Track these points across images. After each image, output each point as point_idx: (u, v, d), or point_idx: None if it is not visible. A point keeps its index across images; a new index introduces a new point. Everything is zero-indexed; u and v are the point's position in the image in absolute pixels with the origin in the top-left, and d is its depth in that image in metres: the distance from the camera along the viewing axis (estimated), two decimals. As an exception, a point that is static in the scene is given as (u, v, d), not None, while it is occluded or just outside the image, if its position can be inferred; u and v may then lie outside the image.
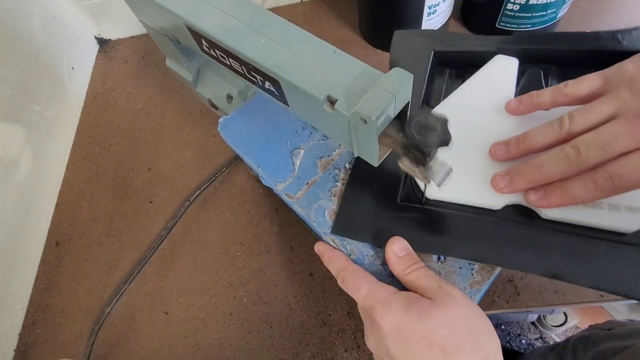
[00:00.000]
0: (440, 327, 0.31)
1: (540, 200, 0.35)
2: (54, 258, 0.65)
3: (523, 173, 0.35)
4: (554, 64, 0.46)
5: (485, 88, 0.45)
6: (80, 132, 0.78)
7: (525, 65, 0.46)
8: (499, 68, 0.46)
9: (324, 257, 0.41)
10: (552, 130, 0.35)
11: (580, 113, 0.34)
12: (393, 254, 0.37)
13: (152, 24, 0.47)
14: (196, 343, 0.55)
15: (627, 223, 0.34)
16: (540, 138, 0.36)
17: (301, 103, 0.34)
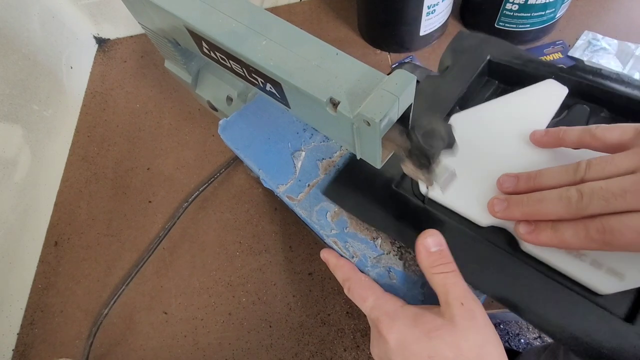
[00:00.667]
0: (448, 349, 0.30)
1: (529, 235, 0.34)
2: (53, 258, 0.65)
3: (521, 204, 0.35)
4: (607, 107, 0.43)
5: (522, 107, 0.44)
6: (79, 131, 0.78)
7: (576, 99, 0.44)
8: (545, 92, 0.44)
9: (330, 265, 0.40)
10: (567, 174, 0.34)
11: (599, 162, 0.32)
12: (423, 246, 0.35)
13: (151, 26, 0.47)
14: (195, 342, 0.55)
15: (604, 284, 0.33)
16: (552, 180, 0.34)
17: (303, 105, 0.34)
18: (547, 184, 0.34)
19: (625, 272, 0.32)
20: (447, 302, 0.32)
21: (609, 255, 0.33)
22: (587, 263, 0.34)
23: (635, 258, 0.33)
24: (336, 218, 0.42)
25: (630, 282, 0.32)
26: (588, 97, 0.43)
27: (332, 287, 0.55)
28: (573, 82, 0.43)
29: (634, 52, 0.65)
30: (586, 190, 0.31)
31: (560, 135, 0.37)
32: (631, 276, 0.32)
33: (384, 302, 0.35)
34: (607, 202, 0.29)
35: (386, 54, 0.76)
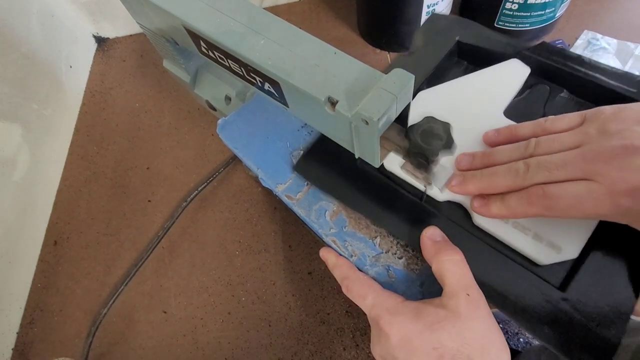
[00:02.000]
0: (452, 340, 0.30)
1: (482, 208, 0.37)
2: (52, 257, 0.65)
3: (475, 178, 0.37)
4: (567, 88, 0.46)
5: (486, 85, 0.46)
6: (79, 130, 0.78)
7: (539, 78, 0.46)
8: (509, 71, 0.46)
9: (328, 264, 0.41)
10: (518, 151, 0.37)
11: (546, 140, 0.35)
12: (428, 237, 0.36)
13: (150, 26, 0.47)
14: (195, 342, 0.55)
15: (543, 256, 0.36)
16: (504, 157, 0.37)
17: (301, 104, 0.34)
18: (500, 161, 0.37)
19: (562, 245, 0.36)
20: (453, 292, 0.32)
21: (548, 229, 0.36)
22: (530, 236, 0.37)
23: (571, 233, 0.36)
24: (335, 217, 0.42)
25: (566, 254, 0.35)
26: (550, 77, 0.46)
27: (331, 286, 0.56)
28: (536, 62, 0.45)
29: (633, 52, 0.65)
30: (532, 162, 0.34)
31: (513, 133, 0.39)
32: (567, 249, 0.35)
33: (383, 299, 0.35)
34: (550, 172, 0.33)
35: (386, 53, 0.76)
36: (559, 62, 0.45)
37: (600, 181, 0.30)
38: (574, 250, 0.35)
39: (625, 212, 0.30)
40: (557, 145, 0.34)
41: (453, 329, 0.31)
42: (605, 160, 0.31)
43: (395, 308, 0.34)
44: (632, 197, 0.29)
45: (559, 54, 0.45)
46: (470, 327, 0.31)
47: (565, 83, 0.45)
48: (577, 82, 0.44)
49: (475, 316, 0.31)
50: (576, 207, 0.31)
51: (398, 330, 0.32)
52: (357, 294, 0.36)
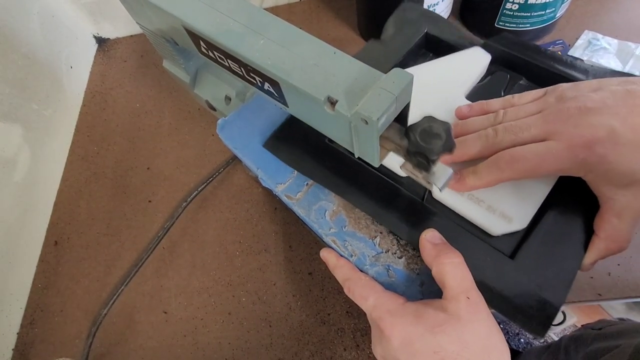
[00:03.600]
0: (452, 343, 0.31)
1: (457, 183, 0.39)
2: (53, 257, 0.65)
3: None
4: (525, 75, 0.49)
5: (449, 71, 0.49)
6: (79, 131, 0.78)
7: (499, 66, 0.50)
8: (471, 58, 0.49)
9: (329, 264, 0.41)
10: (487, 120, 0.40)
11: (513, 110, 0.39)
12: (427, 240, 0.36)
13: (149, 26, 0.47)
14: (195, 342, 0.55)
15: (495, 226, 0.38)
16: (476, 126, 0.40)
17: (301, 104, 0.34)
18: (473, 129, 0.40)
19: (513, 216, 0.38)
20: (454, 295, 0.32)
21: (501, 201, 0.39)
22: (484, 208, 0.39)
23: (521, 204, 0.39)
24: (335, 217, 0.42)
25: (516, 224, 0.38)
26: (510, 65, 0.49)
27: (332, 287, 0.55)
28: (497, 51, 0.49)
29: (634, 52, 0.64)
30: (499, 127, 0.38)
31: (484, 108, 0.43)
32: (517, 220, 0.38)
33: (385, 300, 0.35)
34: (516, 135, 0.36)
35: (386, 53, 0.76)
36: (518, 52, 0.48)
37: (559, 139, 0.34)
38: (523, 220, 0.38)
39: (581, 164, 0.34)
40: (522, 113, 0.38)
41: (454, 332, 0.31)
42: (563, 120, 0.34)
43: (397, 310, 0.34)
44: (587, 149, 0.33)
45: (519, 44, 0.49)
46: (470, 330, 0.31)
47: (524, 71, 0.49)
48: (534, 70, 0.48)
49: (476, 319, 0.32)
50: (540, 165, 0.35)
51: (399, 333, 0.32)
52: (358, 295, 0.36)
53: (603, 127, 0.33)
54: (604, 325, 0.64)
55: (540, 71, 0.47)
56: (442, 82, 0.47)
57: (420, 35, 0.52)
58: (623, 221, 0.35)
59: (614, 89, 0.34)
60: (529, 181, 0.39)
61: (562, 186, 0.39)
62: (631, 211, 0.34)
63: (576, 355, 0.63)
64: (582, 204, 0.38)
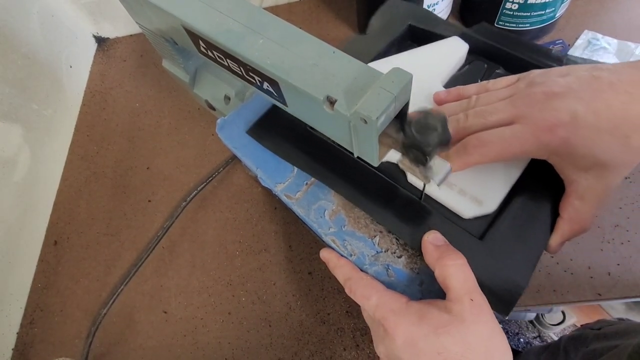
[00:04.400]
0: (456, 344, 0.31)
1: None
2: (52, 257, 0.65)
3: None
4: (502, 64, 0.50)
5: (428, 59, 0.50)
6: (79, 130, 0.78)
7: (477, 56, 0.51)
8: (449, 48, 0.50)
9: (330, 265, 0.41)
10: (461, 106, 0.41)
11: (485, 95, 0.40)
12: (429, 242, 0.36)
13: (149, 25, 0.47)
14: (195, 342, 0.55)
15: (466, 209, 0.39)
16: (450, 112, 0.41)
17: (300, 103, 0.34)
18: (449, 113, 0.41)
19: (483, 199, 0.39)
20: (457, 297, 0.33)
21: (472, 185, 0.40)
22: (455, 192, 0.41)
23: (491, 188, 0.40)
24: (334, 216, 0.42)
25: (486, 207, 0.39)
26: (488, 54, 0.51)
27: (331, 287, 0.55)
28: (475, 41, 0.50)
29: (633, 52, 0.64)
30: (470, 112, 0.39)
31: (460, 93, 0.44)
32: (487, 203, 0.39)
33: (387, 299, 0.35)
34: (485, 118, 0.37)
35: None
36: (496, 41, 0.50)
37: (524, 123, 0.35)
38: (492, 204, 0.39)
39: (545, 147, 0.34)
40: (493, 98, 0.39)
41: (458, 333, 0.31)
42: (529, 104, 0.35)
43: (400, 309, 0.34)
44: (550, 132, 0.34)
45: (498, 34, 0.51)
46: (474, 332, 0.31)
47: (501, 60, 0.50)
48: (511, 60, 0.49)
49: (479, 321, 0.32)
50: (506, 149, 0.36)
51: (403, 332, 0.32)
52: (360, 295, 0.36)
53: (566, 111, 0.33)
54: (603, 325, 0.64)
55: (517, 61, 0.48)
56: (421, 71, 0.47)
57: (403, 28, 0.53)
58: (585, 203, 0.36)
59: (580, 74, 0.35)
60: (499, 166, 0.41)
61: (532, 171, 0.41)
62: (593, 193, 0.35)
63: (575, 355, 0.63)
64: (550, 188, 0.39)
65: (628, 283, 0.47)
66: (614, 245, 0.49)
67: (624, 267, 0.48)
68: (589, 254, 0.49)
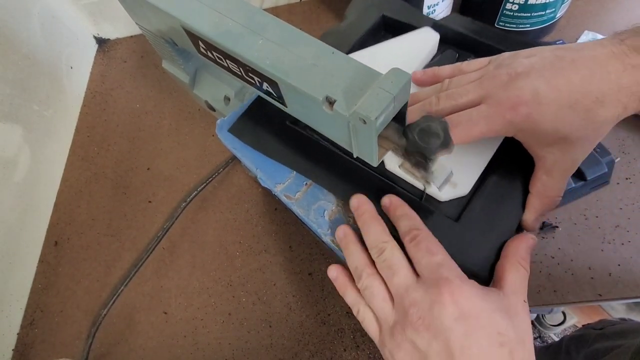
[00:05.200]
0: (514, 331, 0.31)
1: None
2: (53, 258, 0.65)
3: None
4: (474, 52, 0.51)
5: (401, 49, 0.51)
6: (79, 131, 0.78)
7: (448, 45, 0.52)
8: (421, 38, 0.51)
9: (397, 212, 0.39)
10: (434, 90, 0.42)
11: (457, 79, 0.41)
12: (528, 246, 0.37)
13: (149, 26, 0.47)
14: (195, 343, 0.55)
15: (443, 192, 0.40)
16: (425, 94, 0.42)
17: (299, 104, 0.34)
18: (421, 99, 0.41)
19: (458, 182, 0.40)
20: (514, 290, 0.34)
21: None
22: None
23: (465, 171, 0.41)
24: (333, 216, 0.42)
25: (460, 190, 0.40)
26: (459, 44, 0.52)
27: (332, 287, 0.55)
28: (446, 31, 0.51)
29: (634, 51, 0.64)
30: (441, 95, 0.39)
31: (435, 73, 0.45)
32: (461, 185, 0.40)
33: (454, 264, 0.34)
34: (455, 100, 0.38)
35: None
36: (466, 30, 0.51)
37: (489, 103, 0.36)
38: (466, 186, 0.41)
39: (510, 124, 0.35)
40: (465, 80, 0.40)
41: (517, 322, 0.32)
42: (495, 86, 0.36)
43: (463, 276, 0.33)
44: (513, 110, 0.35)
45: (469, 23, 0.52)
46: (525, 328, 0.33)
47: (472, 49, 0.51)
48: (481, 48, 0.50)
49: (528, 320, 0.33)
50: (474, 129, 0.36)
51: (465, 300, 0.31)
52: (425, 248, 0.35)
53: (528, 89, 0.34)
54: (606, 325, 0.64)
55: (486, 47, 0.49)
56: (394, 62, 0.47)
57: (377, 17, 0.54)
58: (552, 178, 0.37)
59: (545, 54, 0.36)
60: (472, 148, 0.41)
61: (505, 152, 0.42)
62: (560, 168, 0.37)
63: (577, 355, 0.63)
64: (522, 169, 0.40)
65: (629, 283, 0.47)
66: (614, 246, 0.49)
67: (624, 268, 0.48)
68: (589, 254, 0.49)
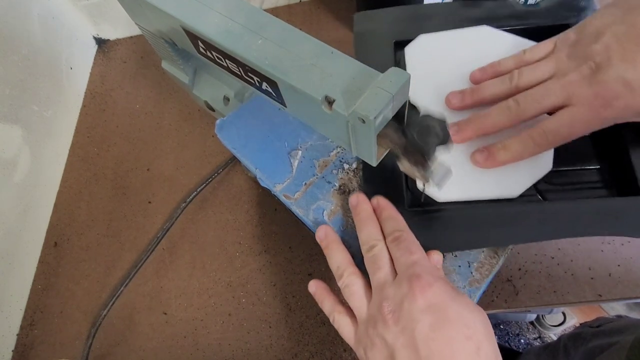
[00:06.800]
0: (482, 326, 0.31)
1: (487, 161, 0.38)
2: (53, 258, 0.65)
3: (470, 122, 0.39)
4: None
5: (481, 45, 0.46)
6: (79, 132, 0.78)
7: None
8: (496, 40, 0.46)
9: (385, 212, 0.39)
10: (503, 83, 0.39)
11: (527, 69, 0.38)
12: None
13: (148, 26, 0.47)
14: (195, 343, 0.55)
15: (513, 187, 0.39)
16: (492, 89, 0.39)
17: (299, 104, 0.34)
18: (489, 93, 0.40)
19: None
20: None
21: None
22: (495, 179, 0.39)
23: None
24: (332, 216, 0.42)
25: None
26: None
27: (332, 287, 0.55)
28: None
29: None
30: (520, 97, 0.37)
31: (496, 69, 0.42)
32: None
33: (429, 263, 0.35)
34: (539, 102, 0.36)
35: (386, 53, 0.76)
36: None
37: (579, 103, 0.34)
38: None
39: (608, 119, 0.34)
40: (538, 73, 0.37)
41: (485, 319, 0.32)
42: (578, 83, 0.34)
43: (439, 277, 0.34)
44: (608, 106, 0.33)
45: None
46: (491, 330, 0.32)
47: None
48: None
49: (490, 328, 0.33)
50: (572, 132, 0.35)
51: (433, 295, 0.32)
52: (406, 247, 0.35)
53: (616, 80, 0.32)
54: (602, 322, 0.64)
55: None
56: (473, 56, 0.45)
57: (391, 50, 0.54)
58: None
59: (615, 28, 0.34)
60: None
61: None
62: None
63: (575, 353, 0.63)
64: None
65: (629, 284, 0.47)
66: (614, 246, 0.49)
67: (624, 268, 0.47)
68: (589, 255, 0.49)
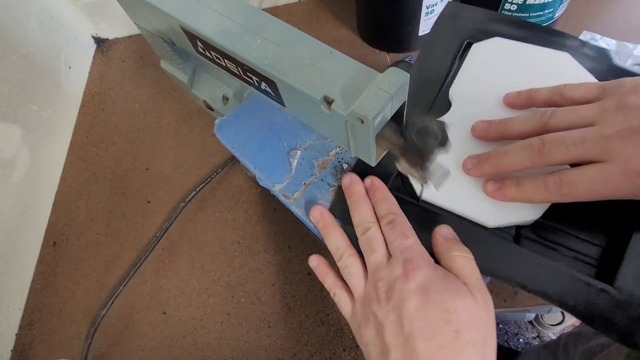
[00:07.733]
0: (465, 313, 0.31)
1: (496, 192, 0.36)
2: (51, 258, 0.65)
3: (489, 158, 0.37)
4: None
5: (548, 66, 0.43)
6: (78, 131, 0.78)
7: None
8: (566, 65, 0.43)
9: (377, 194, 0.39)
10: (533, 119, 0.36)
11: (563, 110, 0.34)
12: (440, 234, 0.37)
13: (147, 26, 0.47)
14: (194, 343, 0.55)
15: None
16: (520, 124, 0.36)
17: (298, 103, 0.34)
18: (516, 128, 0.37)
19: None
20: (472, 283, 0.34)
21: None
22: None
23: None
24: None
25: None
26: None
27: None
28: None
29: (632, 52, 0.64)
30: (548, 138, 0.33)
31: (531, 95, 0.39)
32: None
33: (422, 248, 0.36)
34: (568, 149, 0.31)
35: (385, 54, 0.76)
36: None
37: (615, 162, 0.30)
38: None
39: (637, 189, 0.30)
40: (574, 116, 0.33)
41: (470, 307, 0.32)
42: (622, 138, 0.30)
43: (430, 262, 0.34)
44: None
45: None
46: (481, 313, 0.32)
47: None
48: None
49: (489, 312, 0.33)
50: (592, 192, 0.31)
51: (423, 277, 0.33)
52: (400, 231, 0.36)
53: None
54: (602, 321, 0.64)
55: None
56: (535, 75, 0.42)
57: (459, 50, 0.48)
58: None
59: None
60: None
61: None
62: None
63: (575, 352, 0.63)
64: None
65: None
66: (613, 245, 0.49)
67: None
68: (588, 254, 0.49)
